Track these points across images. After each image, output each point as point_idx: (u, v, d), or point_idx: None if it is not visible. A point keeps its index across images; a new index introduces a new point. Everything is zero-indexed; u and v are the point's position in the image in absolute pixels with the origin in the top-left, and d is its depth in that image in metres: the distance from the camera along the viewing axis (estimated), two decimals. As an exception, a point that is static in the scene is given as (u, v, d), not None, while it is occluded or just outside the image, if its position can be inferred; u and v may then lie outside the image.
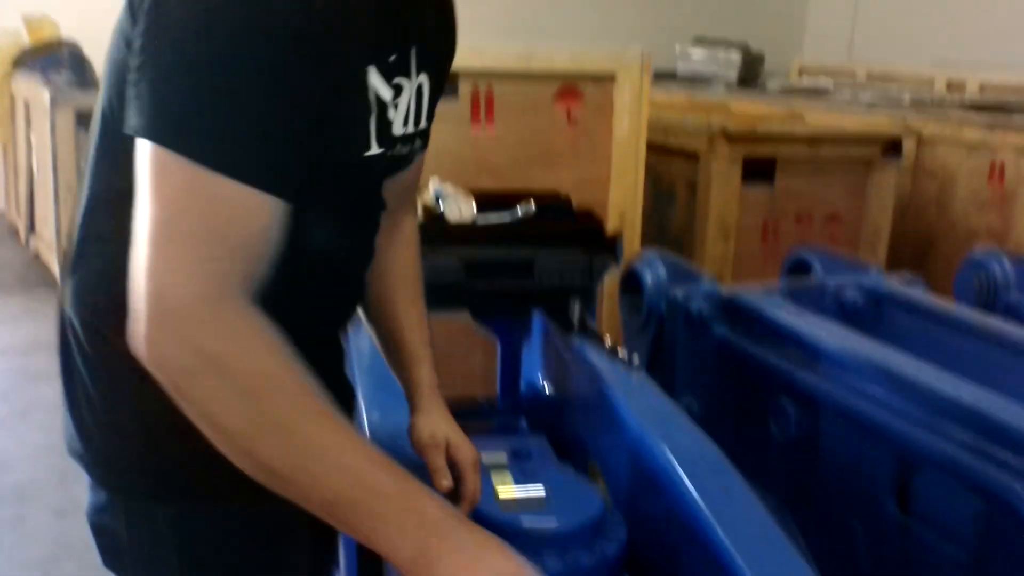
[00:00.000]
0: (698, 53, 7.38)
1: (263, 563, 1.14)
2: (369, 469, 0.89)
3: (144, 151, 0.87)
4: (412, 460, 1.21)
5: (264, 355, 0.87)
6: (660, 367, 2.30)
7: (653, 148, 3.25)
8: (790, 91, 6.49)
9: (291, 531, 1.14)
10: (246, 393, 0.86)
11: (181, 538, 1.09)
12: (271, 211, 0.89)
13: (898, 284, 2.46)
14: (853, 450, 1.86)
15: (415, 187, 1.34)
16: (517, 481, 1.33)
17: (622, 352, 1.73)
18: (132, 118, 0.89)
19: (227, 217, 0.87)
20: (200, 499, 1.08)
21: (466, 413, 1.39)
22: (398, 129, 1.06)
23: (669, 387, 1.79)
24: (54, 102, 4.91)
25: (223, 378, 0.85)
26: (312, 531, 1.18)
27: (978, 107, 4.91)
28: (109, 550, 1.12)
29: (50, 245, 5.26)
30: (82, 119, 4.68)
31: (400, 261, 1.29)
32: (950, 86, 6.70)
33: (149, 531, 1.08)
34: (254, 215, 0.88)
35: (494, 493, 1.30)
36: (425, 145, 1.20)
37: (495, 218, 1.93)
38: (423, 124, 1.14)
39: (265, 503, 1.09)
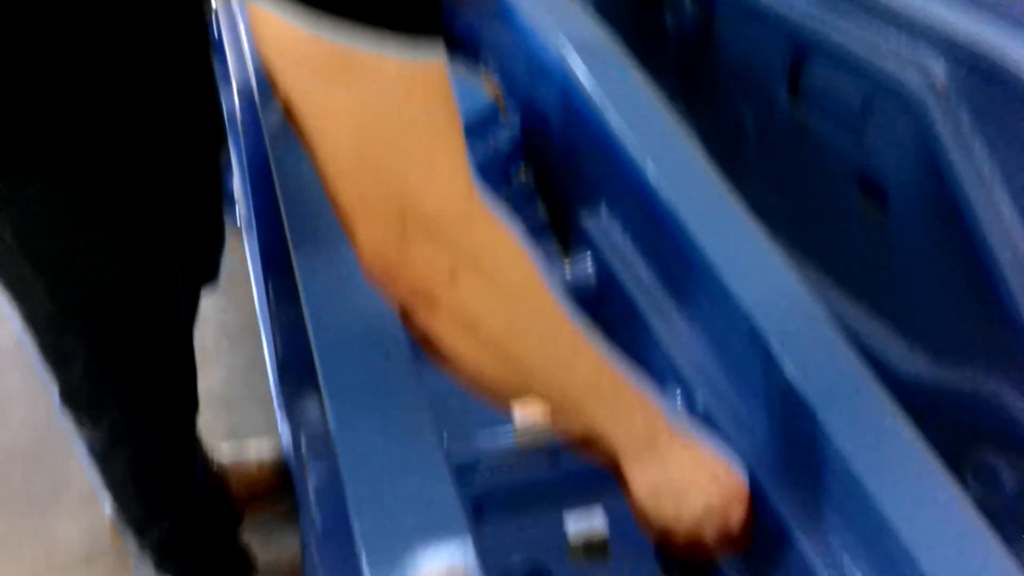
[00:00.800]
0: None
1: (105, 235, 1.10)
2: (609, 363, 0.85)
3: (309, 40, 0.66)
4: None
5: (518, 248, 0.78)
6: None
7: None
8: None
9: (131, 203, 1.10)
10: (508, 292, 0.78)
11: (12, 214, 1.04)
12: None
13: None
14: (747, 39, 1.83)
15: None
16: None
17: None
18: None
19: (443, 88, 0.71)
20: (29, 173, 1.02)
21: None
22: None
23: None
24: None
25: (486, 278, 0.76)
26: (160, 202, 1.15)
27: None
28: None
29: None
30: None
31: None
32: None
33: None
34: (446, 75, 0.72)
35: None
36: None
37: None
38: None
39: (100, 174, 1.05)
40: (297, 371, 1.25)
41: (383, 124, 0.69)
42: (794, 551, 0.91)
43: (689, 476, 0.88)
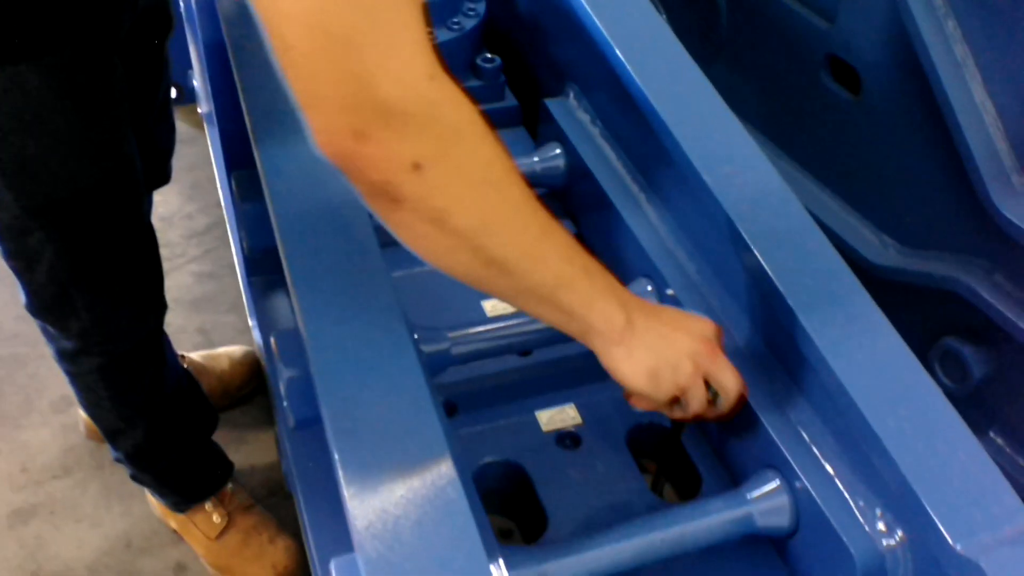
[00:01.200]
0: None
1: (65, 127, 1.06)
2: (578, 249, 0.82)
3: None
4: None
5: (486, 134, 0.72)
6: None
7: None
8: None
9: (88, 93, 1.06)
10: (478, 183, 0.72)
11: None
12: None
13: None
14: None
15: None
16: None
17: None
18: None
19: None
20: None
21: None
22: None
23: None
24: None
25: (454, 170, 0.70)
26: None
27: None
28: None
29: None
30: None
31: None
32: None
33: None
34: None
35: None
36: None
37: None
38: None
39: (55, 62, 1.01)
40: (265, 267, 1.23)
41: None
42: (762, 433, 0.92)
43: (674, 344, 0.87)
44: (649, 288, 1.08)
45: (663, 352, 0.86)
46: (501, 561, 0.76)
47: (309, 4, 0.62)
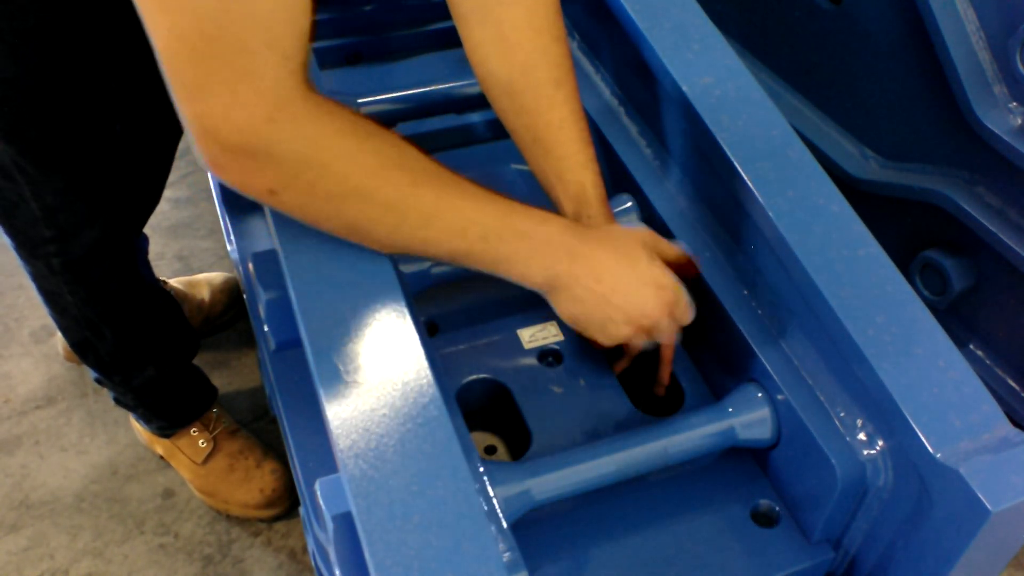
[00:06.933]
0: None
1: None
2: (480, 211, 0.83)
3: None
4: None
5: (341, 154, 0.77)
6: None
7: None
8: None
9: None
10: (338, 194, 0.78)
11: None
12: None
13: None
14: None
15: None
16: None
17: None
18: None
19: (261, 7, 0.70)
20: None
21: None
22: None
23: None
24: None
25: (307, 190, 0.77)
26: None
27: None
28: None
29: None
30: None
31: (533, 39, 0.98)
32: None
33: None
34: None
35: None
36: None
37: None
38: None
39: None
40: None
41: (189, 43, 0.69)
42: (743, 347, 0.92)
43: (627, 281, 0.86)
44: (629, 204, 1.07)
45: (618, 293, 0.86)
46: (485, 476, 0.76)
47: (170, 44, 0.69)
